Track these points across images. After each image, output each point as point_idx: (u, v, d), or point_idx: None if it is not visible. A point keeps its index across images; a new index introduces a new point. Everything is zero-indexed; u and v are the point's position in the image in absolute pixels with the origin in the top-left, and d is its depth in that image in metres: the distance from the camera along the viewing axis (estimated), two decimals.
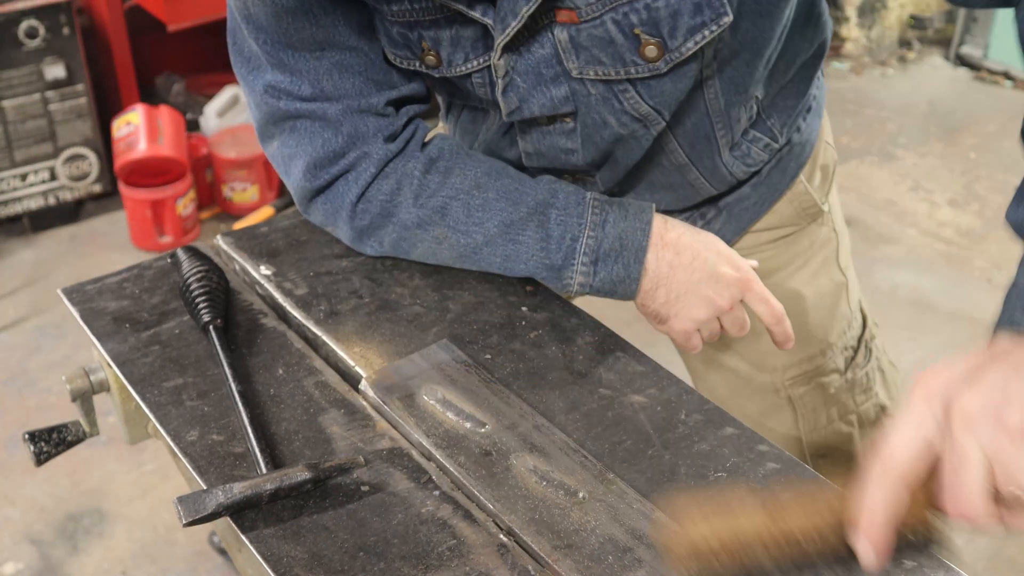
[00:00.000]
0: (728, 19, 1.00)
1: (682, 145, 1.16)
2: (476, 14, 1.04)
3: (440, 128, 1.34)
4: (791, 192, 1.30)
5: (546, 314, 1.15)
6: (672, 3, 0.99)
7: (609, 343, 1.11)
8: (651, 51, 1.02)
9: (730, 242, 1.28)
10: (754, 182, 1.26)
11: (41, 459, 1.17)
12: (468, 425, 0.99)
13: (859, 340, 1.34)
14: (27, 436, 1.16)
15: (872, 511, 0.77)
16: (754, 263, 1.14)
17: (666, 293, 1.11)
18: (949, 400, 0.74)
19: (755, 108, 1.17)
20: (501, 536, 0.90)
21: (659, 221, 1.12)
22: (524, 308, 1.16)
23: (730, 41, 1.05)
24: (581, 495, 0.92)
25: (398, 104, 1.18)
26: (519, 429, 0.99)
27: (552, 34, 1.04)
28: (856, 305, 1.37)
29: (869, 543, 0.78)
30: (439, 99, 1.30)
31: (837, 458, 1.36)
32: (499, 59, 1.08)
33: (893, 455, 0.76)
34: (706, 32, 1.01)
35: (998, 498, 0.73)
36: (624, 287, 1.11)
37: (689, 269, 1.10)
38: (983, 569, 2.09)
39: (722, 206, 1.26)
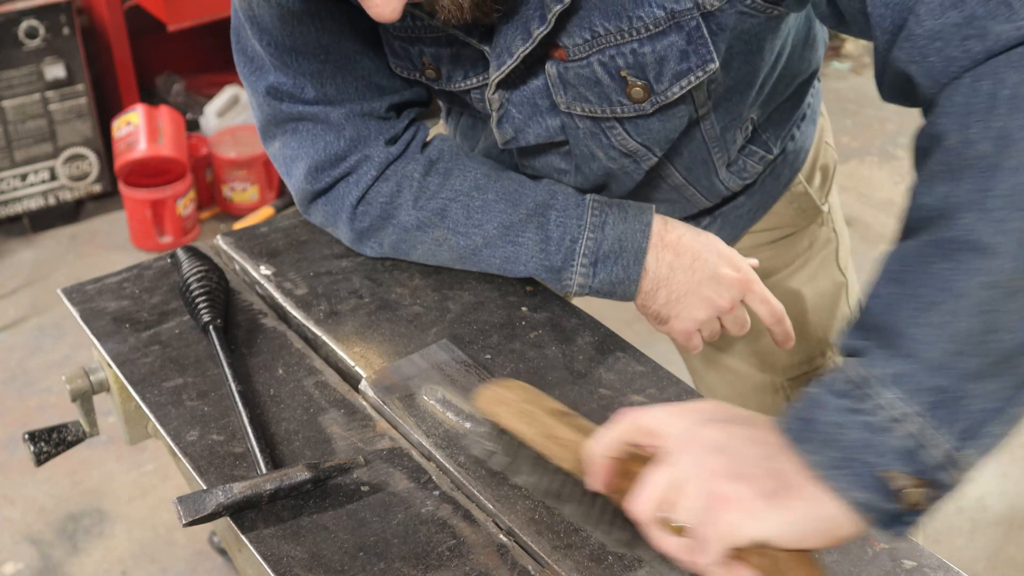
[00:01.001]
0: (714, 66, 0.99)
1: (679, 170, 1.17)
2: (473, 41, 1.05)
3: (440, 128, 1.34)
4: (790, 193, 1.30)
5: (546, 314, 1.15)
6: (659, 49, 0.98)
7: (609, 343, 1.11)
8: (637, 92, 1.02)
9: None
10: (748, 192, 1.26)
11: (41, 459, 1.17)
12: (468, 425, 0.99)
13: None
14: (27, 436, 1.16)
15: (596, 445, 0.84)
16: (754, 263, 1.14)
17: (667, 294, 1.11)
18: (699, 426, 0.79)
19: (750, 128, 1.17)
20: (501, 536, 0.90)
21: (659, 222, 1.12)
22: (524, 308, 1.16)
23: (723, 80, 1.05)
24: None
25: (400, 108, 1.18)
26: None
27: (543, 67, 1.05)
28: (857, 305, 1.37)
29: (591, 471, 0.85)
30: (440, 103, 1.30)
31: None
32: (493, 93, 1.08)
33: (633, 419, 0.82)
34: (692, 78, 1.00)
35: (666, 525, 0.78)
36: (623, 288, 1.11)
37: (689, 270, 1.10)
38: (983, 569, 2.09)
39: (717, 214, 1.27)
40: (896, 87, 0.83)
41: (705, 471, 0.76)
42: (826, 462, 0.73)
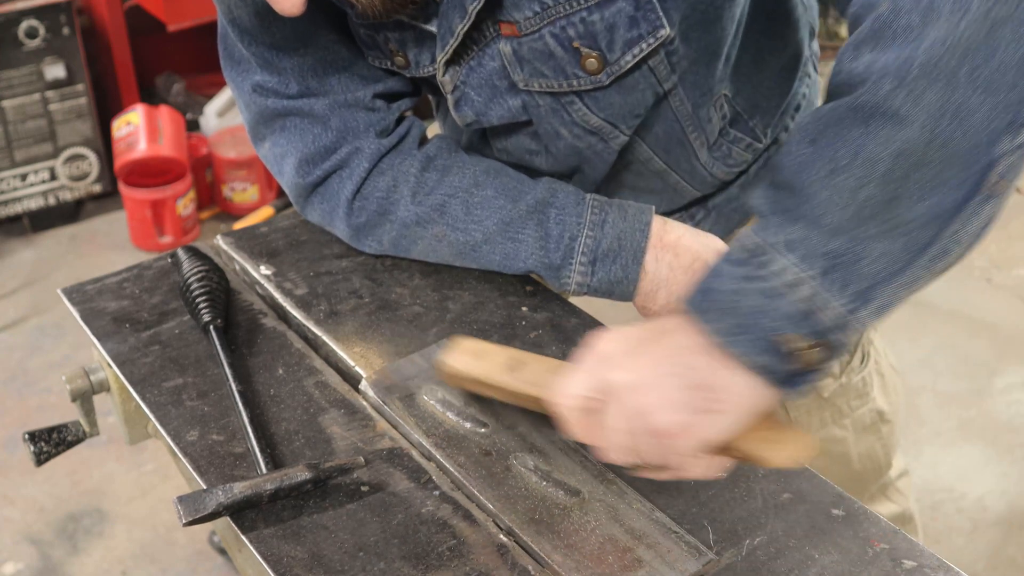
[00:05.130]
0: (665, 31, 1.00)
1: (657, 152, 1.17)
2: (419, 23, 1.06)
3: (438, 127, 1.35)
4: None
5: (546, 314, 1.15)
6: (607, 16, 0.99)
7: None
8: (592, 64, 1.03)
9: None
10: (741, 182, 1.26)
11: (41, 459, 1.17)
12: (468, 425, 0.99)
13: (855, 344, 1.34)
14: (27, 436, 1.16)
15: (564, 394, 0.86)
16: None
17: (666, 295, 1.11)
18: (609, 370, 0.82)
19: (726, 107, 1.16)
20: (501, 536, 0.90)
21: (658, 223, 1.12)
22: (524, 308, 1.16)
23: (685, 52, 1.06)
24: (581, 495, 0.92)
25: (388, 99, 1.19)
26: (519, 429, 0.99)
27: (498, 47, 1.05)
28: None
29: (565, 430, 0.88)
30: (429, 97, 1.30)
31: (830, 461, 1.35)
32: (444, 75, 1.09)
33: (566, 398, 0.85)
34: (643, 45, 1.01)
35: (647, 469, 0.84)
36: (622, 288, 1.12)
37: (689, 271, 1.10)
38: (983, 569, 2.09)
39: (711, 207, 1.27)
40: None
41: (636, 415, 0.80)
42: (726, 329, 0.76)
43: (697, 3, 1.02)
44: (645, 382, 0.80)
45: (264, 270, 1.21)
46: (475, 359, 0.97)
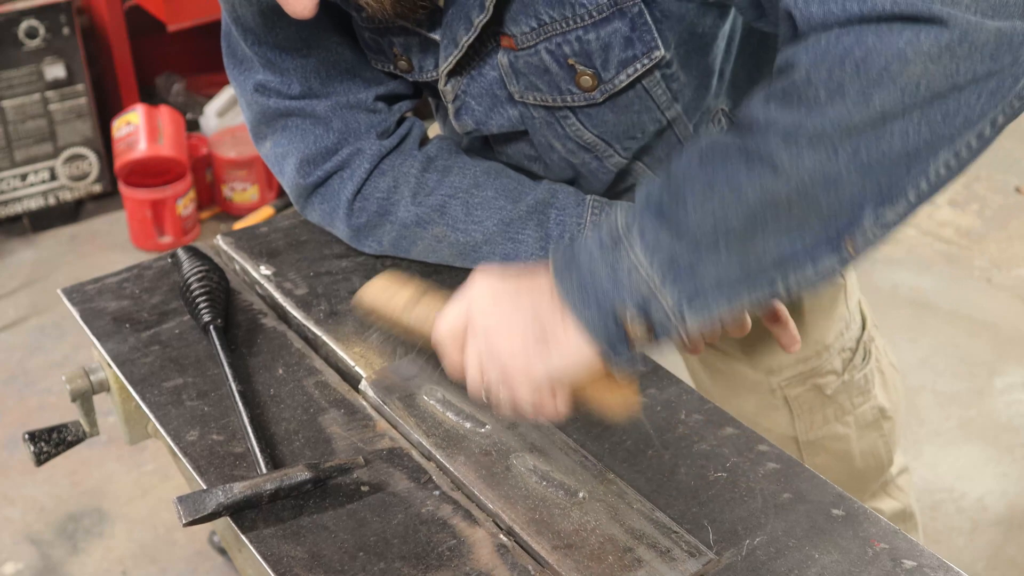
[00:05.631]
0: (660, 52, 1.01)
1: (658, 172, 1.17)
2: (423, 31, 1.06)
3: (437, 128, 1.35)
4: None
5: None
6: (603, 36, 1.00)
7: None
8: (586, 81, 1.04)
9: None
10: None
11: (41, 459, 1.17)
12: (468, 425, 0.99)
13: (857, 342, 1.34)
14: (27, 436, 1.16)
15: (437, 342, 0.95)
16: None
17: None
18: (473, 304, 0.92)
19: (724, 120, 1.17)
20: (501, 536, 0.90)
21: None
22: None
23: (687, 80, 1.06)
24: (581, 495, 0.92)
25: (389, 100, 1.19)
26: (519, 429, 0.99)
27: (497, 58, 1.06)
28: (855, 306, 1.37)
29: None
30: (429, 99, 1.30)
31: (833, 459, 1.36)
32: (445, 85, 1.09)
33: (439, 331, 0.94)
34: (638, 65, 1.02)
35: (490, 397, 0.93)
36: None
37: None
38: (983, 569, 2.09)
39: None
40: (779, 21, 0.87)
41: (485, 337, 0.90)
42: (573, 293, 0.87)
43: (692, 26, 1.02)
44: (498, 314, 0.90)
45: (264, 270, 1.21)
46: (384, 295, 1.02)
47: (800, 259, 0.82)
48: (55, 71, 2.89)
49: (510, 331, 0.89)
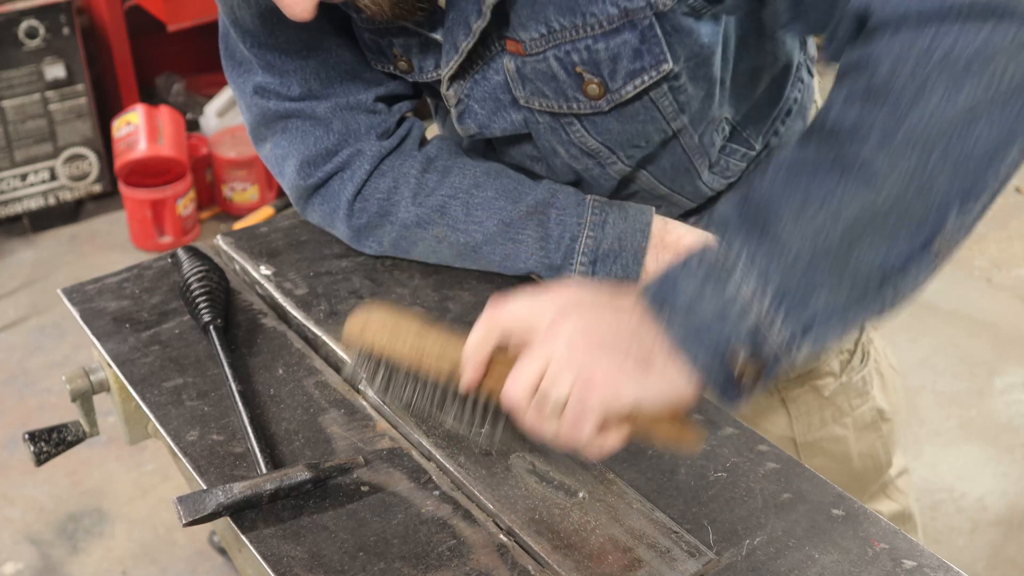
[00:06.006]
0: (668, 66, 1.00)
1: (663, 181, 1.17)
2: (424, 31, 1.06)
3: (436, 128, 1.35)
4: None
5: None
6: (612, 46, 1.00)
7: None
8: (593, 89, 1.04)
9: None
10: (735, 188, 1.26)
11: (41, 459, 1.17)
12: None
13: (856, 343, 1.34)
14: (27, 436, 1.16)
15: (470, 343, 0.88)
16: None
17: None
18: (565, 310, 0.85)
19: (726, 127, 1.17)
20: (501, 536, 0.90)
21: (658, 223, 1.12)
22: None
23: (694, 92, 1.06)
24: (581, 495, 0.92)
25: (389, 101, 1.19)
26: (519, 429, 0.99)
27: (503, 62, 1.06)
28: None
29: (463, 371, 0.88)
30: (428, 99, 1.30)
31: (831, 460, 1.36)
32: (448, 90, 1.09)
33: (501, 314, 0.87)
34: (645, 77, 1.02)
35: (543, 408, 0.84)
36: None
37: None
38: (983, 569, 2.09)
39: (704, 213, 1.26)
40: (854, 32, 0.84)
41: (574, 347, 0.82)
42: (679, 330, 0.81)
43: (701, 40, 1.02)
44: (594, 326, 0.83)
45: (264, 270, 1.21)
46: (389, 321, 0.92)
47: (898, 270, 0.79)
48: (55, 71, 2.89)
49: (608, 343, 0.82)
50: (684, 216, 1.26)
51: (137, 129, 2.91)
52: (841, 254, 0.78)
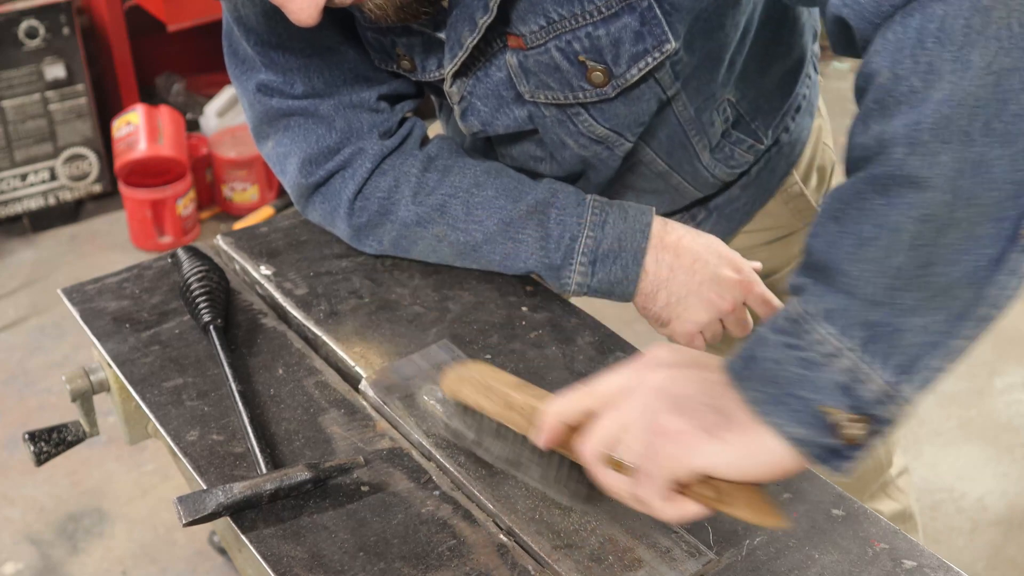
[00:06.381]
0: (671, 46, 1.00)
1: (660, 155, 1.17)
2: (428, 30, 1.06)
3: (439, 127, 1.35)
4: (786, 193, 1.30)
5: (546, 314, 1.15)
6: (613, 32, 1.00)
7: (609, 343, 1.11)
8: (597, 77, 1.03)
9: (724, 241, 1.28)
10: (743, 183, 1.26)
11: (41, 459, 1.17)
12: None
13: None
14: (27, 436, 1.16)
15: (551, 409, 0.85)
16: (757, 265, 1.14)
17: (667, 296, 1.11)
18: (646, 371, 0.81)
19: (729, 111, 1.16)
20: (501, 536, 0.90)
21: (659, 223, 1.12)
22: (524, 308, 1.16)
23: (688, 60, 1.06)
24: (581, 495, 0.92)
25: (391, 100, 1.19)
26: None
27: (505, 58, 1.06)
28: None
29: (541, 429, 0.85)
30: (432, 97, 1.30)
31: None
32: (451, 87, 1.09)
33: (594, 388, 0.83)
34: (649, 59, 1.02)
35: (616, 465, 0.81)
36: (622, 288, 1.12)
37: (690, 271, 1.10)
38: (983, 569, 2.09)
39: (712, 207, 1.27)
40: (837, 35, 0.82)
41: (648, 409, 0.78)
42: (763, 398, 0.75)
43: (700, 12, 1.01)
44: (675, 387, 0.79)
45: (264, 270, 1.21)
46: (487, 373, 0.93)
47: (991, 271, 0.71)
48: (55, 71, 2.89)
49: (685, 404, 0.78)
50: (691, 207, 1.27)
51: (137, 129, 2.90)
52: (920, 272, 0.71)
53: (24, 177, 2.97)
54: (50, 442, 1.17)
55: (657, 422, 0.77)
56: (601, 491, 0.83)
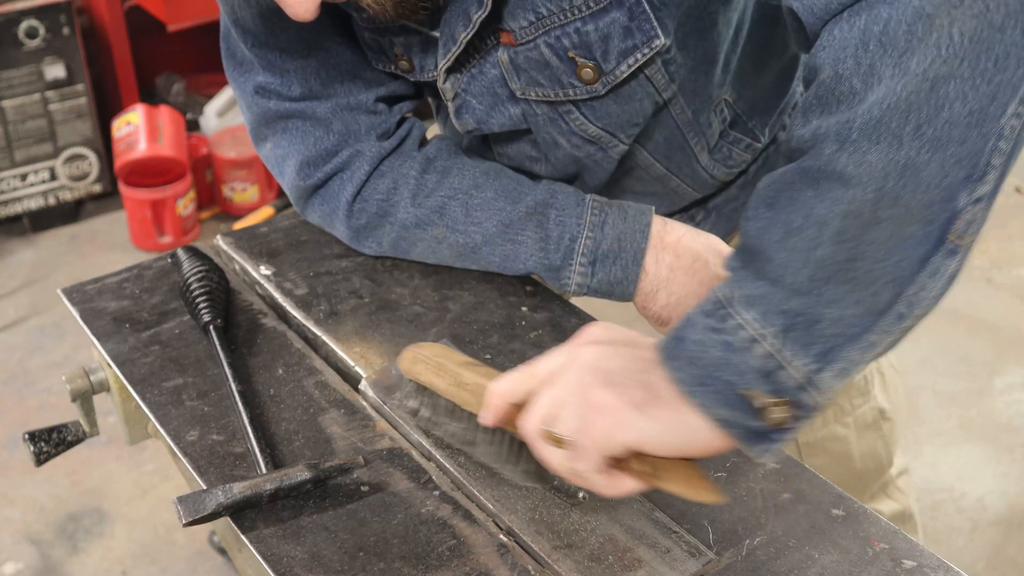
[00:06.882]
0: (660, 41, 1.00)
1: (658, 158, 1.17)
2: (425, 29, 1.06)
3: (437, 129, 1.35)
4: None
5: (546, 314, 1.15)
6: (601, 27, 1.00)
7: None
8: (587, 73, 1.03)
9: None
10: (741, 182, 1.26)
11: (41, 459, 1.17)
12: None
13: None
14: (27, 436, 1.16)
15: (495, 389, 0.86)
16: None
17: (666, 296, 1.11)
18: (580, 348, 0.83)
19: (726, 111, 1.16)
20: (501, 536, 0.90)
21: (658, 223, 1.12)
22: (524, 308, 1.16)
23: (684, 61, 1.06)
24: (581, 495, 0.92)
25: (389, 102, 1.19)
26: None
27: (498, 55, 1.06)
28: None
29: (486, 408, 0.87)
30: (430, 100, 1.31)
31: (833, 460, 1.35)
32: (444, 83, 1.09)
33: (534, 367, 0.85)
34: (638, 55, 1.01)
35: (555, 441, 0.82)
36: (622, 288, 1.12)
37: (689, 272, 1.10)
38: (983, 569, 2.09)
39: (711, 207, 1.27)
40: (791, 28, 0.82)
41: (581, 384, 0.80)
42: (687, 379, 0.77)
43: (692, 10, 1.01)
44: (607, 363, 0.81)
45: (264, 270, 1.21)
46: (438, 351, 0.97)
47: (914, 271, 0.73)
48: (55, 71, 2.89)
49: (616, 379, 0.80)
50: (690, 208, 1.26)
51: (137, 129, 2.91)
52: (842, 265, 0.73)
53: (24, 177, 2.97)
54: (50, 442, 1.17)
55: (589, 397, 0.79)
56: (545, 470, 0.86)
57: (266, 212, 2.93)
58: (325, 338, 1.11)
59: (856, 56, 0.72)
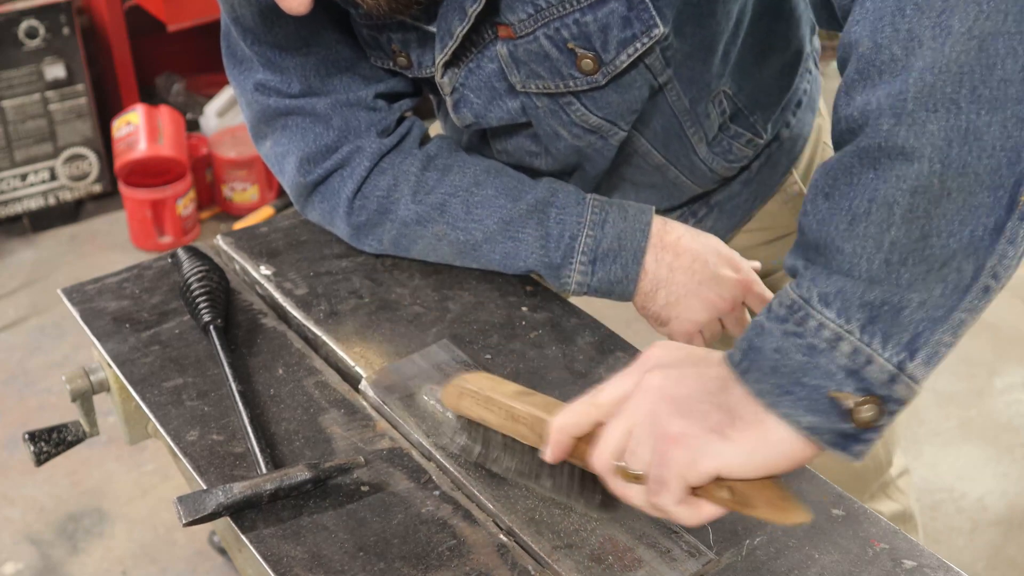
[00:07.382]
0: (659, 31, 1.00)
1: (656, 147, 1.17)
2: (421, 24, 1.07)
3: (438, 127, 1.35)
4: (785, 193, 1.30)
5: (546, 314, 1.15)
6: (600, 17, 1.00)
7: (609, 343, 1.11)
8: (587, 64, 1.03)
9: (724, 240, 1.28)
10: (744, 179, 1.26)
11: (41, 459, 1.17)
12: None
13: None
14: (27, 436, 1.16)
15: (557, 424, 0.83)
16: (756, 264, 1.14)
17: (666, 295, 1.11)
18: (647, 373, 0.79)
19: (726, 103, 1.16)
20: (501, 536, 0.90)
21: (658, 223, 1.12)
22: (524, 308, 1.16)
23: (680, 46, 1.06)
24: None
25: (389, 99, 1.19)
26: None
27: (496, 49, 1.06)
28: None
29: (548, 444, 0.84)
30: (431, 97, 1.31)
31: (833, 459, 1.35)
32: (442, 77, 1.09)
33: (596, 398, 0.82)
34: (638, 44, 1.01)
35: (628, 476, 0.79)
36: (622, 288, 1.12)
37: (689, 271, 1.10)
38: (983, 569, 2.09)
39: (713, 204, 1.27)
40: (819, 7, 0.80)
41: (654, 415, 0.77)
42: (770, 389, 0.73)
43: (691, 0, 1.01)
44: (678, 388, 0.77)
45: (264, 270, 1.21)
46: (487, 382, 0.92)
47: (990, 241, 0.69)
48: (55, 71, 2.89)
49: (689, 408, 0.76)
50: (691, 203, 1.26)
51: (137, 129, 2.91)
52: (916, 244, 0.70)
53: (24, 177, 2.97)
54: (50, 442, 1.17)
55: (661, 427, 0.76)
56: (618, 501, 0.83)
57: (266, 212, 2.93)
58: (325, 338, 1.11)
59: (893, 23, 0.69)
